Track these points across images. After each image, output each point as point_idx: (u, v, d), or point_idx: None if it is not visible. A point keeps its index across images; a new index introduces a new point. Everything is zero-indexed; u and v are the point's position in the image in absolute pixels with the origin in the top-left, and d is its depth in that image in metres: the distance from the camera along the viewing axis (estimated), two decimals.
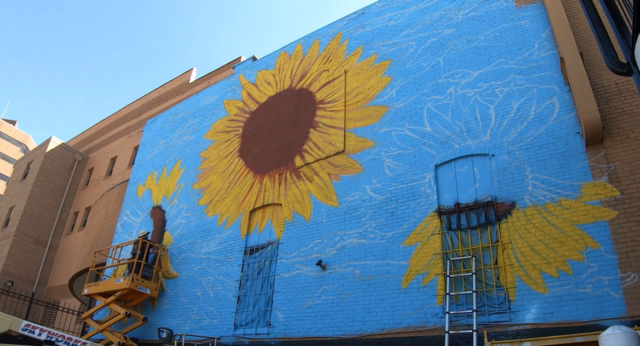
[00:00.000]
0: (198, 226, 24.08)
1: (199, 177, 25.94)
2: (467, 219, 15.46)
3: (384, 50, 21.15)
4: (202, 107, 29.30)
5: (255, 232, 21.42)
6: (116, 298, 22.50)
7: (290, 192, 20.90)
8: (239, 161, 24.14)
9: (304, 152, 21.39)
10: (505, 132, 15.97)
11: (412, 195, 17.11)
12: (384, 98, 19.85)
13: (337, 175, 19.60)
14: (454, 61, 18.65)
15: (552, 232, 13.78)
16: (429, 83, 18.85)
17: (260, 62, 27.55)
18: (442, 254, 15.40)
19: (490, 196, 15.33)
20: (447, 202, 16.24)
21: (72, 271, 34.71)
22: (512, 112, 16.16)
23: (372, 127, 19.54)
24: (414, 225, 16.51)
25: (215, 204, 23.97)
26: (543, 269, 13.49)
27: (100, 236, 30.79)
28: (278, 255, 19.78)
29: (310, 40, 24.99)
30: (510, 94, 16.53)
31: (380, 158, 18.64)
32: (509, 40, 17.71)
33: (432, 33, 19.98)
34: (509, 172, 15.27)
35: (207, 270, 22.21)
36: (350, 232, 18.00)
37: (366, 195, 18.31)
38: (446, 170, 16.84)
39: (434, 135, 17.64)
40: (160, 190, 28.03)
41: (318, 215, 19.38)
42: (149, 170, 29.97)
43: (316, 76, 23.18)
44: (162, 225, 26.24)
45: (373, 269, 16.74)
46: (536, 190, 14.53)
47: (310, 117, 22.14)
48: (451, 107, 17.72)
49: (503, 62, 17.35)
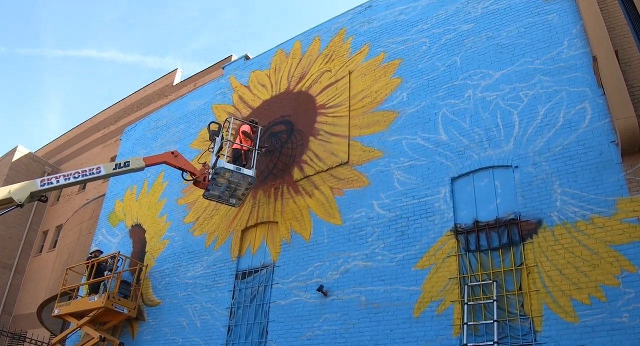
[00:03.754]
0: (183, 247, 24.10)
1: (184, 192, 25.97)
2: (488, 239, 15.47)
3: (394, 48, 21.22)
4: (188, 113, 29.37)
5: (248, 253, 21.43)
6: (90, 319, 22.48)
7: (288, 209, 20.92)
8: None
9: (302, 163, 21.43)
10: (531, 140, 16.00)
11: (425, 212, 17.13)
12: (393, 102, 19.91)
13: (341, 190, 19.63)
14: (473, 60, 18.70)
15: (583, 254, 13.77)
16: (444, 85, 18.90)
17: (253, 61, 27.64)
18: (459, 278, 15.41)
19: (514, 213, 15.34)
20: (464, 219, 16.26)
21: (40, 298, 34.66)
22: (538, 118, 16.19)
23: (380, 135, 19.59)
24: (427, 245, 16.52)
25: (203, 222, 24.00)
26: (573, 296, 13.48)
27: (73, 258, 30.80)
28: (274, 280, 19.79)
29: (310, 37, 25.08)
30: (536, 98, 16.56)
31: (389, 170, 18.67)
32: (534, 36, 17.75)
33: (447, 29, 20.05)
34: (535, 186, 15.28)
35: (193, 296, 22.21)
36: (355, 254, 18.01)
37: (373, 212, 18.34)
38: (464, 183, 16.87)
39: (450, 144, 17.68)
40: (141, 206, 28.07)
41: (319, 234, 19.40)
42: (128, 184, 30.01)
43: (317, 77, 23.25)
44: (142, 246, 26.26)
45: (381, 295, 16.74)
46: (565, 207, 14.54)
47: (310, 124, 22.20)
48: (469, 112, 17.77)
49: (528, 61, 17.40)
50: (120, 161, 20.91)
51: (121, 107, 47.37)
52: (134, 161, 21.08)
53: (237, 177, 20.71)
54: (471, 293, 15.03)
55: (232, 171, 20.42)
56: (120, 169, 20.77)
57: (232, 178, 20.73)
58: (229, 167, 20.35)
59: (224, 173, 20.54)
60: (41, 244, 47.25)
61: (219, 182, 20.91)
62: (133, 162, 21.06)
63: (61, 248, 34.50)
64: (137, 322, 23.77)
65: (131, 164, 20.95)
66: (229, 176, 20.65)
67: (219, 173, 20.51)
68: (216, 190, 21.39)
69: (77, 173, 20.11)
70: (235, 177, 20.73)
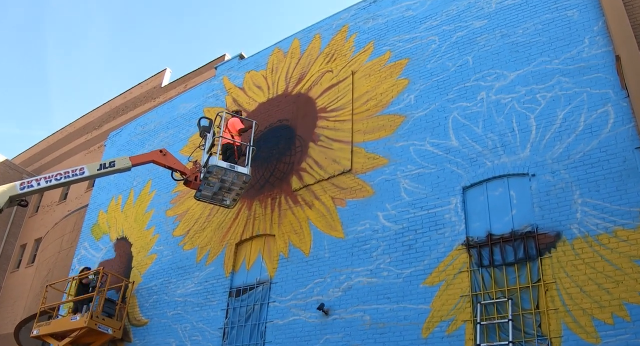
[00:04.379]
0: (172, 262, 24.11)
1: (174, 202, 26.02)
2: (502, 253, 15.48)
3: (400, 46, 21.27)
4: (178, 116, 29.43)
5: (243, 269, 21.46)
6: (72, 340, 22.46)
7: (286, 220, 20.95)
8: None
9: (302, 172, 21.46)
10: (549, 146, 16.02)
11: (434, 224, 17.15)
12: (400, 105, 19.95)
13: (343, 200, 19.66)
14: (486, 60, 18.74)
15: (605, 269, 13.78)
16: (455, 87, 18.94)
17: (248, 61, 27.70)
18: (472, 296, 15.42)
19: (531, 225, 15.36)
20: (477, 232, 16.28)
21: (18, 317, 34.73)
22: (556, 122, 16.22)
23: (386, 140, 19.63)
24: (436, 260, 16.54)
25: (194, 235, 24.02)
26: (595, 315, 13.49)
27: (53, 273, 30.83)
28: (270, 298, 19.81)
29: (310, 35, 25.13)
30: (554, 100, 16.60)
31: (396, 178, 18.71)
32: (553, 34, 17.79)
33: (459, 26, 20.10)
34: (553, 196, 15.30)
35: (183, 315, 22.23)
36: (359, 269, 18.03)
37: (378, 224, 18.36)
38: (476, 193, 16.90)
39: (462, 150, 17.71)
40: (126, 218, 28.10)
41: (319, 248, 19.42)
42: (113, 194, 30.05)
43: (317, 78, 23.31)
44: (128, 261, 26.28)
45: (387, 315, 16.76)
46: (586, 218, 14.55)
47: (310, 129, 22.24)
48: (482, 116, 17.81)
49: (546, 61, 17.44)
50: (105, 161, 21.11)
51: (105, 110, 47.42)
52: (119, 161, 21.29)
53: (231, 175, 20.68)
54: (484, 312, 15.04)
55: (226, 169, 20.42)
56: (105, 170, 20.98)
57: (225, 177, 20.73)
58: (222, 165, 20.34)
59: (217, 172, 20.53)
60: (19, 259, 47.25)
61: (211, 181, 20.92)
62: (119, 161, 21.26)
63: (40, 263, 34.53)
64: (122, 343, 23.75)
65: (117, 164, 21.16)
66: (222, 174, 20.64)
67: (212, 172, 20.50)
68: (208, 190, 21.40)
69: (59, 175, 20.24)
70: (229, 176, 20.70)
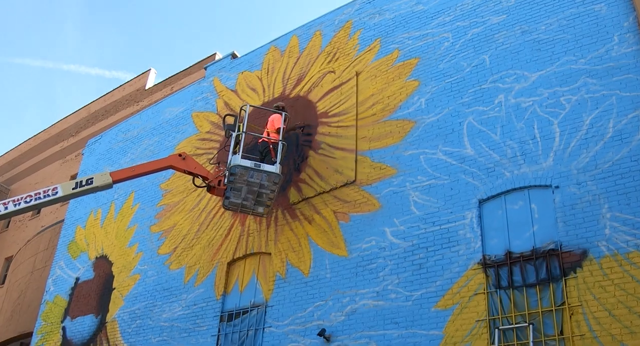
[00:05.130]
0: (158, 283, 24.10)
1: (159, 217, 26.03)
2: (522, 274, 15.48)
3: (410, 44, 21.29)
4: (164, 122, 29.45)
5: (235, 290, 21.45)
6: None
7: (283, 237, 20.95)
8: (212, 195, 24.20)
9: (301, 183, 21.47)
10: (574, 155, 16.02)
11: (447, 242, 17.14)
12: (409, 109, 19.97)
13: (346, 214, 19.67)
14: (505, 60, 18.75)
15: (637, 291, 13.77)
16: (470, 89, 18.95)
17: (241, 60, 27.74)
18: (489, 321, 15.41)
19: (554, 242, 15.36)
20: (495, 250, 16.28)
21: None
22: (583, 128, 16.22)
23: (394, 148, 19.64)
24: (450, 281, 16.53)
25: (181, 253, 24.02)
26: (625, 341, 13.48)
27: (26, 295, 30.85)
28: (266, 322, 19.80)
29: (309, 31, 25.17)
30: (580, 104, 16.60)
31: (405, 191, 18.71)
32: (578, 31, 17.79)
33: (474, 21, 20.12)
34: (579, 210, 15.29)
35: (169, 342, 22.22)
36: (364, 291, 18.02)
37: (385, 241, 18.36)
38: (494, 207, 16.90)
39: (478, 159, 17.72)
40: (107, 235, 28.10)
41: (320, 267, 19.42)
42: (91, 208, 30.07)
43: (318, 80, 23.33)
44: (109, 282, 26.26)
45: (395, 341, 16.76)
46: (616, 235, 14.55)
47: (310, 135, 22.26)
48: (501, 121, 17.81)
49: (571, 60, 17.44)
50: (82, 178, 20.55)
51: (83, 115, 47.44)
52: (98, 178, 20.63)
53: (258, 176, 19.87)
54: (503, 338, 15.03)
55: (250, 169, 19.62)
56: (81, 188, 20.36)
57: (251, 178, 19.93)
58: (245, 164, 19.57)
59: (241, 173, 19.76)
60: None
61: (237, 185, 20.19)
62: (97, 178, 20.61)
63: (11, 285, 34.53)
64: None
65: (95, 181, 20.53)
66: (248, 176, 19.84)
67: (235, 174, 19.77)
68: (236, 196, 20.64)
69: (29, 196, 19.90)
70: (256, 177, 19.90)
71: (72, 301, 27.24)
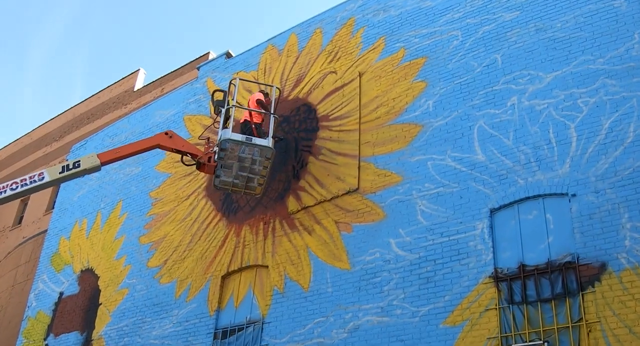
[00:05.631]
0: (147, 298, 24.09)
1: (149, 227, 26.02)
2: (537, 288, 15.47)
3: (416, 43, 21.31)
4: (153, 125, 29.45)
5: (230, 306, 21.44)
6: None
7: (281, 249, 20.94)
8: (206, 203, 24.20)
9: (300, 191, 21.47)
10: (592, 161, 16.01)
11: (456, 254, 17.14)
12: (416, 112, 19.98)
13: (349, 224, 19.67)
14: (518, 59, 18.77)
15: None
16: (481, 91, 18.96)
17: (236, 60, 27.77)
18: (501, 338, 15.40)
19: (571, 254, 15.34)
20: (507, 263, 16.27)
21: None
22: (601, 132, 16.21)
23: (400, 154, 19.65)
24: (459, 296, 16.53)
25: (172, 266, 24.01)
26: None
27: (6, 311, 30.86)
28: (263, 340, 19.80)
29: (309, 29, 25.19)
30: (599, 107, 16.59)
31: (411, 199, 18.71)
32: (597, 28, 17.79)
33: (485, 18, 20.14)
34: (598, 220, 15.28)
35: None
36: (368, 307, 18.02)
37: (390, 253, 18.36)
38: (506, 216, 16.89)
39: (489, 166, 17.72)
40: (93, 246, 28.09)
41: (321, 281, 19.42)
42: (76, 217, 30.06)
43: (318, 81, 23.35)
44: (95, 297, 26.24)
45: None
46: (637, 246, 14.52)
47: (310, 140, 22.26)
48: (513, 125, 17.81)
49: (589, 60, 17.45)
50: (69, 162, 20.71)
51: (67, 118, 47.35)
52: (85, 160, 20.80)
53: (250, 150, 20.15)
54: None
55: (241, 142, 19.93)
56: (68, 172, 20.49)
57: (243, 153, 20.18)
58: (236, 138, 19.89)
59: (232, 148, 20.02)
60: None
61: (228, 162, 20.44)
62: (84, 161, 20.77)
63: None
64: None
65: (82, 164, 20.66)
66: (239, 151, 20.08)
67: (226, 149, 19.99)
68: (228, 175, 20.90)
69: (14, 183, 20.02)
70: (248, 152, 20.17)
71: (56, 317, 27.23)
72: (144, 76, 44.09)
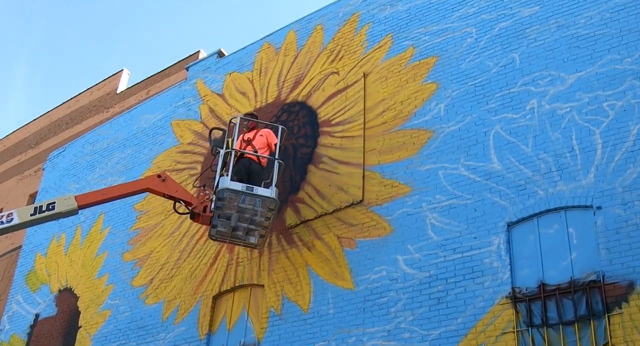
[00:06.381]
0: (131, 320, 24.08)
1: (133, 243, 26.03)
2: (559, 309, 15.47)
3: (427, 41, 21.36)
4: (138, 132, 29.49)
5: (223, 329, 21.46)
6: None
7: (278, 266, 20.96)
8: None
9: (299, 203, 21.50)
10: (619, 171, 16.01)
11: (470, 272, 17.14)
12: (426, 117, 20.01)
13: (352, 240, 19.68)
14: (538, 59, 18.80)
15: None
16: (497, 93, 18.99)
17: (229, 59, 27.81)
18: None
19: (595, 272, 15.32)
20: (526, 281, 16.27)
21: None
22: (629, 139, 16.21)
23: (408, 162, 19.68)
24: (473, 318, 16.51)
25: (159, 285, 24.02)
26: None
27: None
28: None
29: (309, 25, 25.25)
30: (626, 111, 16.60)
31: (421, 212, 18.73)
32: (624, 25, 17.82)
33: (502, 14, 20.18)
34: (625, 235, 15.25)
35: None
36: (373, 330, 18.01)
37: (398, 271, 18.37)
38: (525, 231, 16.90)
39: (506, 176, 17.74)
40: (72, 264, 28.10)
41: (321, 302, 19.43)
42: (54, 232, 30.06)
43: (319, 82, 23.39)
44: (74, 319, 26.25)
45: None
46: None
47: (310, 148, 22.28)
48: (533, 131, 17.84)
49: (615, 59, 17.48)
50: (42, 203, 20.04)
51: (44, 123, 47.36)
52: (61, 202, 20.06)
53: (250, 201, 19.43)
54: None
55: (241, 193, 19.20)
56: (41, 215, 19.80)
57: (243, 204, 19.49)
58: (235, 187, 19.14)
59: (231, 199, 19.33)
60: None
61: (226, 212, 19.76)
62: (60, 202, 20.03)
63: None
64: None
65: (57, 206, 19.94)
66: (239, 201, 19.40)
67: (224, 199, 19.33)
68: (225, 225, 20.11)
69: None
70: (248, 202, 19.45)
71: (31, 341, 27.22)
72: (127, 77, 44.08)
